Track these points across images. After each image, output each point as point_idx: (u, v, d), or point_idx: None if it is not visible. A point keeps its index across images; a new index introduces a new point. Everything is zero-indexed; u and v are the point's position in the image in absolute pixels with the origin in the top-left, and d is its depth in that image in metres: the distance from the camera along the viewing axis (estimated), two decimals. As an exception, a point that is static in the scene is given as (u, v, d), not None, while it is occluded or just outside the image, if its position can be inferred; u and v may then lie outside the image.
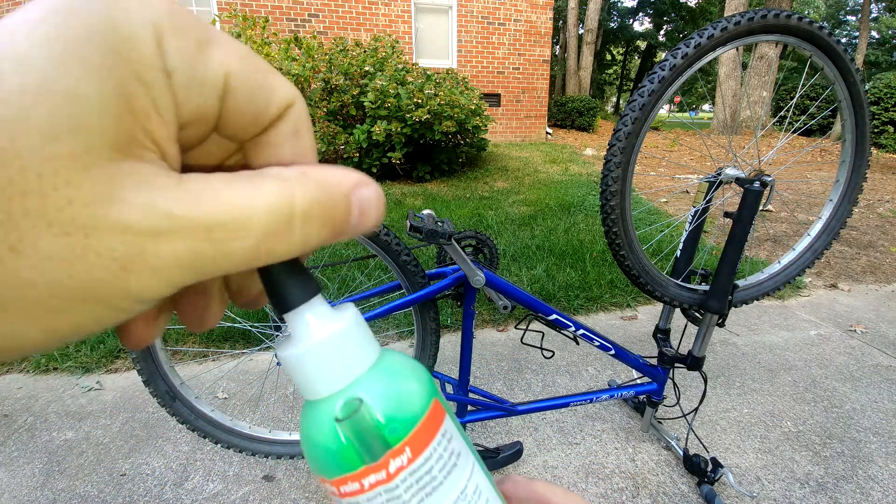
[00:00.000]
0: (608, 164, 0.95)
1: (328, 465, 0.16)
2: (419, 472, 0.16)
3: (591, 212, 3.67)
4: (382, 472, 0.16)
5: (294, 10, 6.47)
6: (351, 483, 0.16)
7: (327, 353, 0.16)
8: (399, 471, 0.16)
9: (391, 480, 0.16)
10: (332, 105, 4.39)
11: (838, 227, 1.22)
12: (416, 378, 0.18)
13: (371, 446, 0.16)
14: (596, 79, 20.77)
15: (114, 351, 1.75)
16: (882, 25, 22.02)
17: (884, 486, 1.22)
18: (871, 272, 2.79)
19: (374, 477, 0.16)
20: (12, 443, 1.33)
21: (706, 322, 1.17)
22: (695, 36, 0.90)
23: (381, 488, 0.16)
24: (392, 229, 1.10)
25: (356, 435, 0.16)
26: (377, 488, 0.16)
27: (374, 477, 0.16)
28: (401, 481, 0.16)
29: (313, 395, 0.16)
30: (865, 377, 1.72)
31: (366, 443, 0.16)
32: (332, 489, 0.17)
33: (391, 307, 1.04)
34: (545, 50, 8.07)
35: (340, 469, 0.16)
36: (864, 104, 1.07)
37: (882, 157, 7.88)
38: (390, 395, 0.17)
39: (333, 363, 0.16)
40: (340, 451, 0.16)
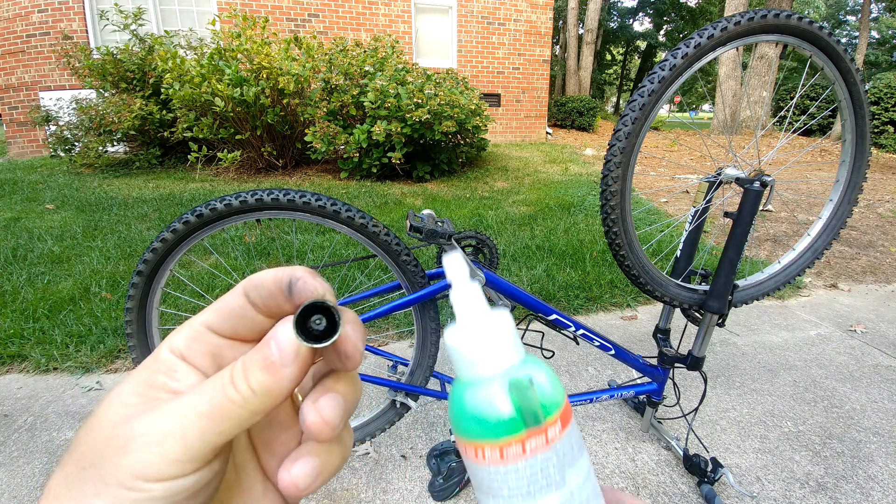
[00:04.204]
0: (608, 164, 0.95)
1: (494, 428, 0.19)
2: (565, 444, 0.20)
3: (591, 212, 3.67)
4: (542, 437, 0.20)
5: (294, 10, 6.47)
6: (515, 445, 0.19)
7: (503, 331, 0.21)
8: (553, 440, 0.20)
9: (549, 446, 0.20)
10: (332, 105, 4.39)
11: (838, 227, 1.22)
12: (554, 375, 0.22)
13: (535, 414, 0.20)
14: (596, 79, 20.76)
15: (114, 351, 1.75)
16: (882, 25, 22.02)
17: (884, 486, 1.22)
18: (871, 272, 2.79)
19: (535, 441, 0.19)
20: (12, 443, 1.33)
21: (706, 322, 1.17)
22: (695, 36, 0.90)
23: (540, 453, 0.19)
24: (392, 229, 1.10)
25: (525, 403, 0.20)
26: (536, 453, 0.19)
27: (535, 441, 0.19)
28: (553, 449, 0.20)
29: (484, 371, 0.20)
30: (865, 377, 1.71)
31: (531, 411, 0.20)
32: (493, 454, 0.20)
33: (391, 307, 1.04)
34: (545, 50, 8.07)
35: (506, 432, 0.19)
36: (864, 104, 1.07)
37: (882, 157, 7.88)
38: (546, 379, 0.21)
39: (505, 346, 0.21)
40: (511, 416, 0.19)
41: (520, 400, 0.20)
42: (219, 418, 0.17)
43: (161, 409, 0.17)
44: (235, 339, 0.20)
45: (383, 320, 2.01)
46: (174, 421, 0.17)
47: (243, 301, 0.20)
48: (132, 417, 0.17)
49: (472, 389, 0.21)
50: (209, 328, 0.20)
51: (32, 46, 5.77)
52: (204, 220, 0.94)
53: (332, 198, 0.97)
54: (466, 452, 0.21)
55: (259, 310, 0.20)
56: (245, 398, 0.18)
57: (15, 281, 2.21)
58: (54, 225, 3.04)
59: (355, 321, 0.20)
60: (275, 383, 0.18)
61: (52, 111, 4.88)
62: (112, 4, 5.42)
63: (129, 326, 1.01)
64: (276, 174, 4.75)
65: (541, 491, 0.20)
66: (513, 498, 0.20)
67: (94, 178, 4.41)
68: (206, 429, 0.17)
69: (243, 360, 0.19)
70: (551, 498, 0.20)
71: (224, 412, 0.17)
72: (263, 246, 2.72)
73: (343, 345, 0.19)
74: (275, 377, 0.18)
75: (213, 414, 0.17)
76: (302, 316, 0.18)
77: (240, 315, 0.20)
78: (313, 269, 0.20)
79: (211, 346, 0.20)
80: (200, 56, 4.70)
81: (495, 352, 0.21)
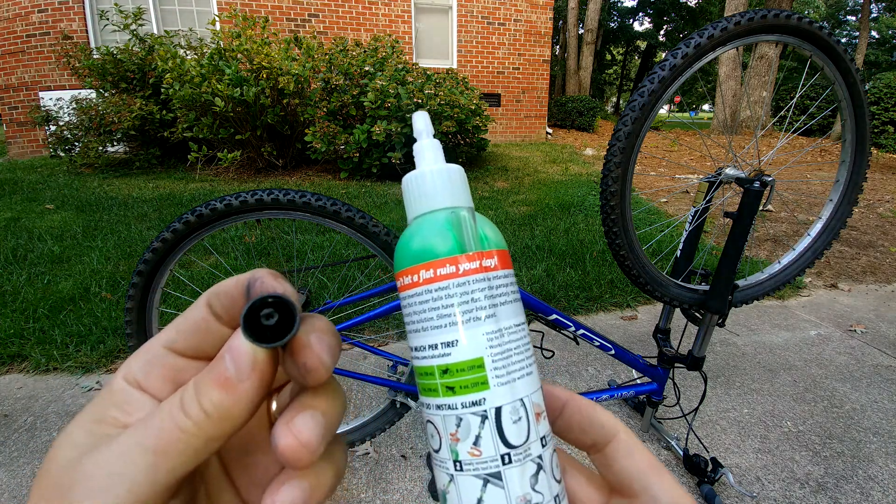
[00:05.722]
0: (608, 164, 0.95)
1: (431, 250, 0.20)
2: (498, 281, 0.20)
3: (591, 212, 3.67)
4: (476, 263, 0.20)
5: (294, 10, 6.47)
6: (449, 265, 0.20)
7: (452, 178, 0.22)
8: (486, 269, 0.20)
9: (479, 273, 0.20)
10: (332, 105, 4.39)
11: (838, 227, 1.22)
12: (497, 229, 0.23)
13: (473, 240, 0.20)
14: (596, 79, 20.76)
15: (114, 351, 1.75)
16: (882, 25, 22.02)
17: (884, 486, 1.22)
18: (871, 272, 2.79)
19: (468, 264, 0.20)
20: (12, 443, 1.33)
21: (706, 322, 1.17)
22: (695, 36, 0.90)
23: (472, 276, 0.20)
24: (392, 229, 1.10)
25: (463, 230, 0.20)
26: (468, 276, 0.20)
27: (468, 264, 0.20)
28: (486, 278, 0.20)
29: (434, 205, 0.21)
30: (865, 377, 1.72)
31: (469, 237, 0.20)
32: (428, 273, 0.20)
33: (391, 307, 1.04)
34: (545, 50, 8.07)
35: (442, 253, 0.20)
36: (864, 104, 1.07)
37: (882, 157, 7.88)
38: (489, 224, 0.22)
39: (456, 186, 0.22)
40: (450, 237, 0.20)
41: (459, 226, 0.20)
42: (169, 453, 0.15)
43: (107, 448, 0.15)
44: (201, 358, 0.18)
45: (383, 320, 2.01)
46: (119, 460, 0.15)
47: (206, 313, 0.18)
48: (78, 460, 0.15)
49: (419, 220, 0.22)
50: (170, 349, 0.18)
51: (32, 46, 5.77)
52: (204, 220, 0.94)
53: (332, 198, 0.97)
54: (403, 283, 0.21)
55: (223, 322, 0.18)
56: (198, 424, 0.15)
57: (15, 281, 2.21)
58: (54, 225, 3.04)
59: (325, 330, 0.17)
60: (232, 402, 0.16)
61: (52, 111, 4.87)
62: (112, 4, 5.42)
63: (129, 326, 1.01)
64: (276, 174, 4.75)
65: (469, 319, 0.19)
66: (441, 325, 0.19)
67: (94, 178, 4.41)
68: (156, 466, 0.15)
69: (195, 380, 0.16)
70: (480, 327, 0.19)
71: (175, 445, 0.15)
72: (263, 246, 2.72)
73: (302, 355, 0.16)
74: (232, 395, 0.16)
75: (162, 448, 0.15)
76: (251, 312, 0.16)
77: (204, 330, 0.18)
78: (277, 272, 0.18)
79: (172, 370, 0.18)
80: (200, 56, 4.70)
81: (445, 192, 0.22)
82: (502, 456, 0.19)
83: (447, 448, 0.19)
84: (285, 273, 1.46)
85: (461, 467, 0.19)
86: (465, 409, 0.19)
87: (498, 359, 0.19)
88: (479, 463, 0.19)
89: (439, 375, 0.19)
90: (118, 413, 0.17)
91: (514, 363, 0.20)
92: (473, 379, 0.19)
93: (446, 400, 0.19)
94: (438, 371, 0.19)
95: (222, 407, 0.16)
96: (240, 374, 0.16)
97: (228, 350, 0.16)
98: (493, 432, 0.19)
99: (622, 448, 0.21)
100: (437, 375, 0.20)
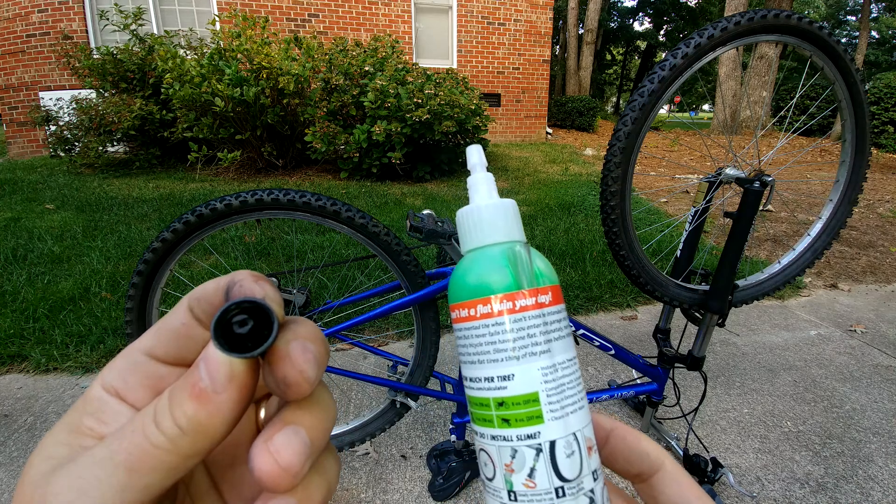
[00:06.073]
0: (608, 164, 0.95)
1: (488, 285, 0.21)
2: (552, 316, 0.21)
3: (591, 212, 3.67)
4: (533, 299, 0.20)
5: (294, 10, 6.47)
6: (506, 301, 0.20)
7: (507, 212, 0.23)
8: (542, 306, 0.21)
9: (537, 310, 0.20)
10: (332, 105, 4.39)
11: (838, 227, 1.22)
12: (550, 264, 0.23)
13: (529, 277, 0.21)
14: (596, 79, 20.76)
15: (114, 351, 1.75)
16: (882, 25, 22.02)
17: (884, 486, 1.22)
18: (871, 272, 2.79)
19: (525, 301, 0.20)
20: (12, 443, 1.33)
21: (706, 322, 1.17)
22: (695, 36, 0.90)
23: (528, 313, 0.20)
24: (392, 229, 1.10)
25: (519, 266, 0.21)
26: (525, 312, 0.20)
27: (525, 301, 0.20)
28: (542, 315, 0.20)
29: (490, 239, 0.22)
30: (865, 377, 1.71)
31: (525, 273, 0.21)
32: (485, 309, 0.21)
33: (391, 307, 1.04)
34: (545, 50, 8.06)
35: (499, 289, 0.20)
36: (864, 104, 1.07)
37: (882, 157, 7.88)
38: (542, 260, 0.22)
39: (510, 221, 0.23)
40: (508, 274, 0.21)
41: (515, 262, 0.21)
42: (141, 469, 0.14)
43: (78, 463, 0.14)
44: (183, 365, 0.17)
45: (383, 320, 2.01)
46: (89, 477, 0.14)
47: (187, 317, 0.17)
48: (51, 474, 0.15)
49: (474, 254, 0.22)
50: (150, 355, 0.17)
51: (32, 46, 5.77)
52: (204, 220, 0.94)
53: (332, 198, 0.97)
54: (459, 315, 0.22)
55: (205, 326, 0.17)
56: (172, 440, 0.14)
57: (15, 281, 2.21)
58: (54, 225, 3.04)
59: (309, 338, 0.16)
60: (208, 416, 0.14)
61: (52, 111, 4.87)
62: (112, 4, 5.41)
63: (129, 326, 1.01)
64: (276, 174, 4.75)
65: (525, 354, 0.20)
66: (498, 359, 0.20)
67: (94, 178, 4.41)
68: (127, 485, 0.14)
69: (169, 390, 0.15)
70: (535, 363, 0.20)
71: (147, 461, 0.14)
72: (263, 246, 2.72)
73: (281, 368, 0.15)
74: (207, 408, 0.14)
75: (134, 465, 0.14)
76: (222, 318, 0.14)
77: (185, 335, 0.17)
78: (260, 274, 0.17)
79: (151, 377, 0.17)
80: (200, 56, 4.70)
81: (501, 227, 0.22)
82: (556, 489, 0.19)
83: (502, 478, 0.20)
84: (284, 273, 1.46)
85: (516, 498, 0.19)
86: (520, 441, 0.19)
87: (552, 393, 0.20)
88: (534, 495, 0.19)
89: (495, 407, 0.20)
90: (94, 423, 0.16)
91: (568, 397, 0.20)
92: (528, 412, 0.20)
93: (501, 431, 0.20)
94: (494, 403, 0.20)
95: (197, 421, 0.14)
96: (215, 386, 0.14)
97: (204, 359, 0.15)
98: (548, 465, 0.19)
99: (669, 479, 0.21)
100: (493, 407, 0.20)
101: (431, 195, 4.14)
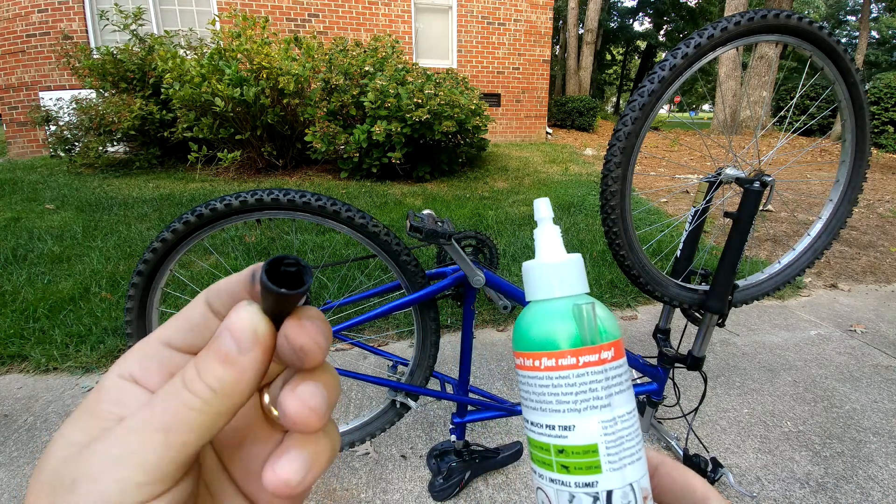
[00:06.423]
0: (608, 163, 0.95)
1: (555, 340, 0.22)
2: (613, 371, 0.22)
3: (591, 212, 3.67)
4: (596, 356, 0.21)
5: (294, 10, 6.47)
6: (570, 357, 0.21)
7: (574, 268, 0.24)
8: (604, 362, 0.21)
9: (600, 366, 0.21)
10: (332, 105, 4.39)
11: (838, 227, 1.22)
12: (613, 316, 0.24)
13: (592, 334, 0.22)
14: (596, 79, 20.75)
15: (114, 351, 1.75)
16: (882, 25, 22.01)
17: (884, 486, 1.22)
18: (871, 272, 2.79)
19: (589, 357, 0.21)
20: (12, 443, 1.33)
21: (706, 322, 1.17)
22: (695, 36, 0.90)
23: (591, 369, 0.21)
24: (392, 229, 1.10)
25: (585, 322, 0.22)
26: (588, 367, 0.21)
27: (589, 357, 0.21)
28: (604, 370, 0.21)
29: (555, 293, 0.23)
30: (865, 377, 1.71)
31: (589, 329, 0.22)
32: (550, 362, 0.22)
33: (391, 307, 1.04)
34: (545, 50, 8.06)
35: (566, 344, 0.21)
36: (864, 104, 1.07)
37: (882, 157, 7.88)
38: (606, 314, 0.23)
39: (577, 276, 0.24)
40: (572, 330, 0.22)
41: (581, 318, 0.22)
42: (178, 430, 0.15)
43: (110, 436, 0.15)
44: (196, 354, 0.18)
45: (383, 320, 2.01)
46: (127, 443, 0.15)
47: (204, 310, 0.18)
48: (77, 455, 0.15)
49: (542, 305, 0.23)
50: (167, 344, 0.18)
51: (32, 46, 5.77)
52: (204, 220, 0.94)
53: (332, 198, 0.97)
54: (524, 364, 0.23)
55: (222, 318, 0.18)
56: (205, 400, 0.16)
57: (15, 281, 2.21)
58: (54, 225, 3.04)
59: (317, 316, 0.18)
60: (237, 375, 0.16)
61: (52, 111, 4.87)
62: (112, 4, 5.41)
63: (129, 326, 1.01)
64: (276, 174, 4.75)
65: (587, 407, 0.21)
66: (560, 409, 0.21)
67: (94, 178, 4.41)
68: (167, 444, 0.15)
69: (193, 361, 0.16)
70: (596, 416, 0.21)
71: (183, 422, 0.15)
72: (263, 246, 2.72)
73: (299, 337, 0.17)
74: (235, 368, 0.16)
75: (171, 426, 0.15)
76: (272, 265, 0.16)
77: (202, 326, 0.18)
78: None
79: (169, 364, 0.18)
80: (200, 56, 4.70)
81: (567, 280, 0.23)
82: None
83: None
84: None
85: None
86: (578, 488, 0.20)
87: (611, 445, 0.21)
88: None
89: (555, 454, 0.21)
90: (113, 407, 0.17)
91: (626, 449, 0.21)
92: (587, 462, 0.20)
93: (560, 476, 0.21)
94: (555, 450, 0.21)
95: (227, 382, 0.16)
96: (242, 348, 0.16)
97: (227, 328, 0.16)
98: None
99: None
100: (553, 454, 0.21)
101: (431, 195, 4.14)
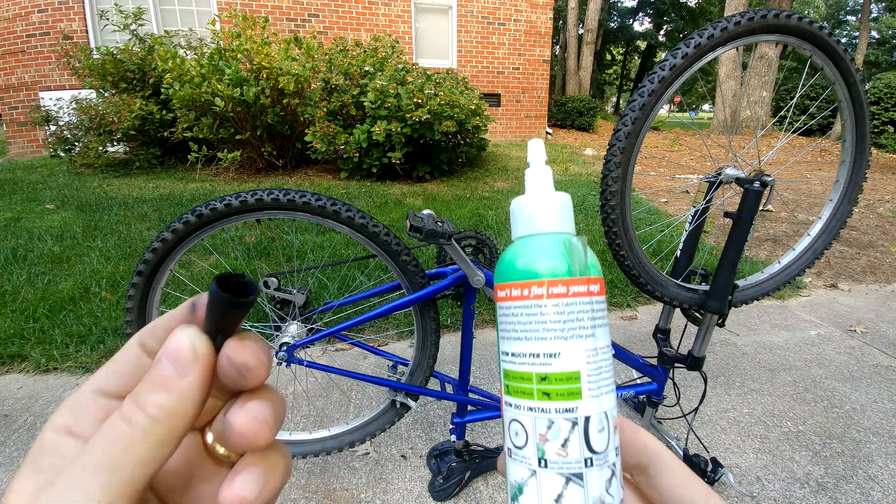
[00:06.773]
0: (608, 163, 0.95)
1: (546, 269, 0.22)
2: (598, 305, 0.23)
3: (591, 212, 3.67)
4: (585, 287, 0.22)
5: (294, 10, 6.47)
6: (561, 285, 0.22)
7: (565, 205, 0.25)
8: (592, 294, 0.22)
9: (588, 297, 0.22)
10: (332, 105, 4.39)
11: (838, 227, 1.22)
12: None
13: (582, 267, 0.22)
14: (596, 79, 20.76)
15: (114, 351, 1.75)
16: (882, 25, 22.01)
17: (884, 486, 1.22)
18: (871, 272, 2.79)
19: (578, 287, 0.22)
20: (12, 443, 1.33)
21: (706, 322, 1.17)
22: (695, 36, 0.90)
23: (579, 299, 0.22)
24: (392, 229, 1.10)
25: (576, 256, 0.22)
26: (577, 297, 0.22)
27: (578, 287, 0.22)
28: (591, 302, 0.22)
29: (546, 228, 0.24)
30: (865, 377, 1.71)
31: (580, 263, 0.22)
32: (540, 290, 0.22)
33: (391, 307, 1.04)
34: (545, 50, 8.07)
35: (556, 273, 0.22)
36: (864, 104, 1.07)
37: (882, 157, 7.88)
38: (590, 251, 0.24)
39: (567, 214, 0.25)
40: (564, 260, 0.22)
41: (572, 252, 0.23)
42: (123, 465, 0.15)
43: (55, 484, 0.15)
44: None
45: (383, 320, 2.01)
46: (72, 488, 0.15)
47: (138, 352, 0.18)
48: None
49: (532, 239, 0.24)
50: (100, 392, 0.18)
51: (32, 46, 5.77)
52: (204, 220, 0.94)
53: (332, 198, 0.97)
54: (510, 294, 0.23)
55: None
56: (147, 431, 0.15)
57: (15, 281, 2.21)
58: (54, 225, 3.04)
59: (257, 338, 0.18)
60: (178, 399, 0.16)
61: (52, 111, 4.87)
62: (112, 4, 5.42)
63: (129, 327, 1.01)
64: (276, 174, 4.75)
65: (573, 336, 0.21)
66: (546, 337, 0.22)
67: (94, 178, 4.41)
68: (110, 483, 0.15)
69: (131, 394, 0.16)
70: (581, 344, 0.21)
71: (127, 456, 0.15)
72: (263, 246, 2.72)
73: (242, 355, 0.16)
74: (175, 393, 0.16)
75: (114, 462, 0.15)
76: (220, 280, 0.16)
77: (136, 368, 0.18)
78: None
79: (103, 411, 0.17)
80: (200, 56, 4.70)
81: (559, 217, 0.24)
82: (586, 459, 0.21)
83: (534, 446, 0.21)
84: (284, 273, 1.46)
85: (546, 465, 0.21)
86: (559, 413, 0.21)
87: (592, 373, 0.22)
88: (564, 463, 0.21)
89: (537, 381, 0.22)
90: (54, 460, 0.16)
91: (603, 379, 0.22)
92: (569, 389, 0.21)
93: (540, 404, 0.21)
94: (537, 377, 0.22)
95: (168, 408, 0.16)
96: (181, 371, 0.16)
97: (164, 354, 0.16)
98: (581, 438, 0.21)
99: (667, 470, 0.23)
100: (535, 381, 0.22)
101: (431, 195, 4.14)
